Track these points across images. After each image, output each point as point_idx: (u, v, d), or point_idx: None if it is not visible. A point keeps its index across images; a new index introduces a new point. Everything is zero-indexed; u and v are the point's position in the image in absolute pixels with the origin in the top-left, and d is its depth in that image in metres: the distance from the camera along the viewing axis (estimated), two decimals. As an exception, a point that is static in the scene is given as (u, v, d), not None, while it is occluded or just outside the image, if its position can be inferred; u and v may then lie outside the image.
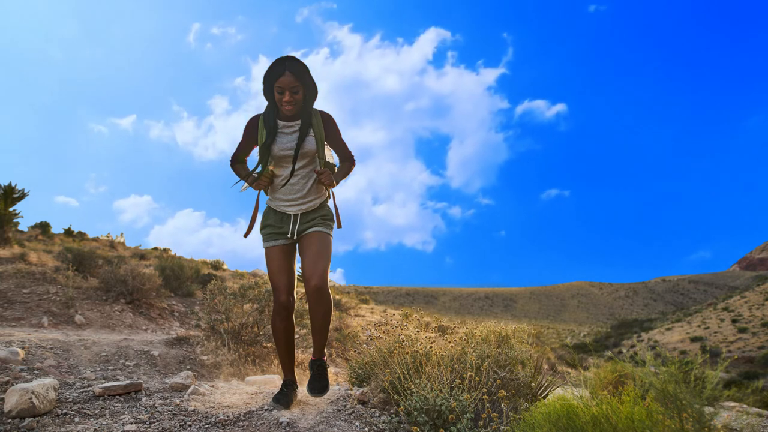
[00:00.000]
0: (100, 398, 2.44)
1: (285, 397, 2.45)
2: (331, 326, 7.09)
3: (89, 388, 2.58)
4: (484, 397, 2.11)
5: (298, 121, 2.44)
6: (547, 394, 2.50)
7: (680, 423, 1.63)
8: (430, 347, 2.62)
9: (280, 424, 2.21)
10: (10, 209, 9.67)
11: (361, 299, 15.93)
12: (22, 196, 9.98)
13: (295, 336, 4.92)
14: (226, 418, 2.24)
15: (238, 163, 2.62)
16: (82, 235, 16.89)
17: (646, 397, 1.77)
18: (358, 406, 2.51)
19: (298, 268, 2.69)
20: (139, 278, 6.42)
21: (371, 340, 3.13)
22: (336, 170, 2.60)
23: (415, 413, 2.12)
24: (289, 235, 2.50)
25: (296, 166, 2.45)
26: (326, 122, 2.50)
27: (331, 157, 2.64)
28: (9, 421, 2.07)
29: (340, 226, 2.59)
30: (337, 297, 11.77)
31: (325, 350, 3.23)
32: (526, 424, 1.83)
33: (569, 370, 10.01)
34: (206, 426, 2.16)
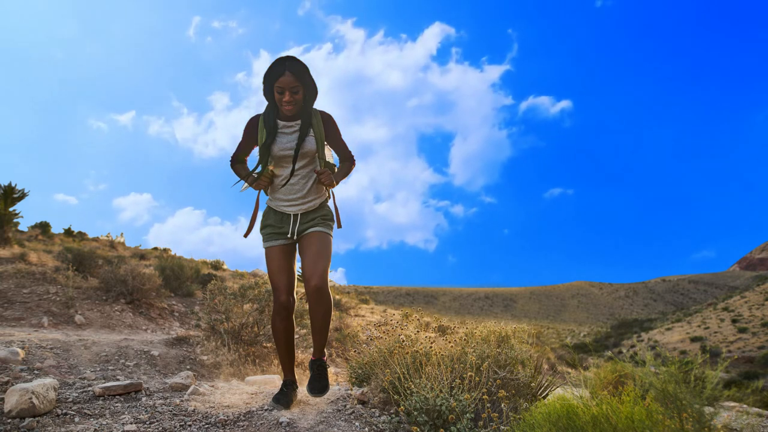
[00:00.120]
0: (100, 398, 2.44)
1: (285, 397, 2.45)
2: (331, 326, 7.09)
3: (89, 388, 2.58)
4: (484, 397, 2.11)
5: (298, 121, 2.44)
6: (547, 394, 2.50)
7: (680, 423, 1.63)
8: (430, 347, 2.62)
9: (280, 424, 2.21)
10: (10, 209, 9.67)
11: (361, 299, 15.93)
12: (22, 196, 9.98)
13: (295, 336, 4.92)
14: (226, 418, 2.24)
15: (238, 163, 2.62)
16: (82, 235, 16.89)
17: (646, 397, 1.77)
18: (358, 406, 2.51)
19: (298, 268, 2.69)
20: (139, 278, 6.42)
21: (371, 340, 3.13)
22: (336, 170, 2.60)
23: (415, 413, 2.12)
24: (289, 235, 2.50)
25: (296, 166, 2.45)
26: (326, 122, 2.50)
27: (331, 157, 2.64)
28: (9, 421, 2.07)
29: (340, 226, 2.59)
30: (337, 297, 11.77)
31: (325, 350, 3.23)
32: (526, 424, 1.83)
33: (569, 370, 10.01)
34: (206, 426, 2.16)
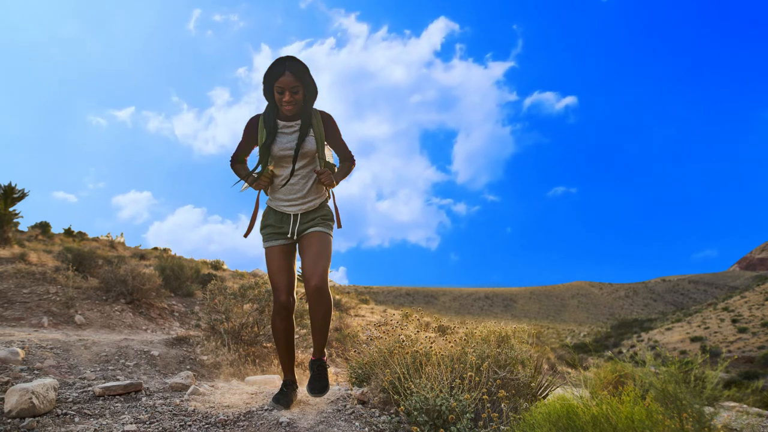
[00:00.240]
0: (100, 398, 2.44)
1: (285, 397, 2.45)
2: (331, 326, 7.09)
3: (89, 388, 2.58)
4: (484, 397, 2.11)
5: (298, 121, 2.44)
6: (547, 394, 2.50)
7: (680, 423, 1.63)
8: (430, 347, 2.62)
9: (280, 424, 2.21)
10: (10, 209, 9.68)
11: (361, 299, 15.93)
12: (22, 196, 9.98)
13: (295, 336, 4.92)
14: (226, 418, 2.24)
15: (238, 163, 2.62)
16: (82, 235, 16.89)
17: (646, 397, 1.77)
18: (358, 406, 2.51)
19: (298, 268, 2.69)
20: (139, 278, 6.42)
21: (371, 340, 3.13)
22: (336, 170, 2.60)
23: (415, 413, 2.12)
24: (289, 235, 2.50)
25: (296, 166, 2.45)
26: (326, 122, 2.51)
27: (331, 157, 2.64)
28: (9, 421, 2.07)
29: (340, 226, 2.59)
30: (337, 297, 11.77)
31: (325, 350, 3.23)
32: (526, 424, 1.83)
33: (569, 370, 10.01)
34: (206, 426, 2.16)
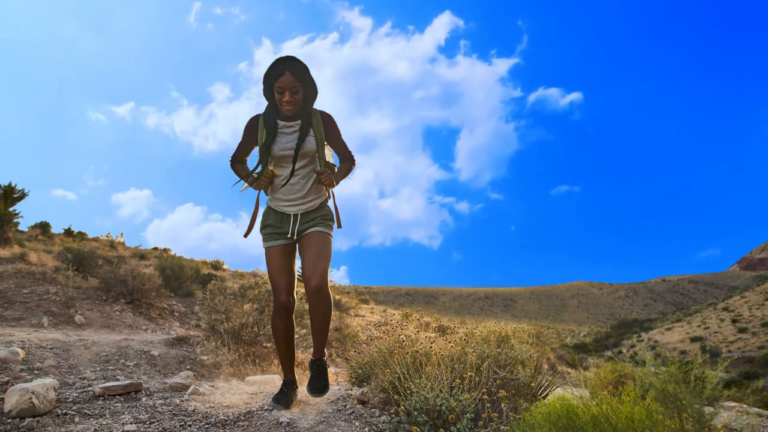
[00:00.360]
0: (100, 398, 2.44)
1: (285, 397, 2.45)
2: (331, 326, 7.09)
3: (89, 388, 2.58)
4: (484, 397, 2.11)
5: (298, 121, 2.44)
6: (547, 394, 2.50)
7: (680, 423, 1.63)
8: (430, 347, 2.62)
9: (280, 424, 2.21)
10: (10, 209, 9.67)
11: (361, 299, 15.93)
12: (22, 196, 9.98)
13: (295, 336, 4.92)
14: (226, 418, 2.24)
15: (238, 163, 2.62)
16: (82, 235, 16.90)
17: (646, 397, 1.77)
18: (358, 406, 2.51)
19: (298, 268, 2.69)
20: (139, 278, 6.42)
21: (371, 340, 3.13)
22: (336, 170, 2.60)
23: (415, 413, 2.12)
24: (289, 235, 2.50)
25: (296, 166, 2.45)
26: (326, 122, 2.51)
27: (331, 157, 2.64)
28: (9, 421, 2.07)
29: (340, 226, 2.59)
30: (337, 297, 11.77)
31: (325, 350, 3.23)
32: (526, 424, 1.83)
33: (569, 370, 10.01)
34: (206, 426, 2.16)
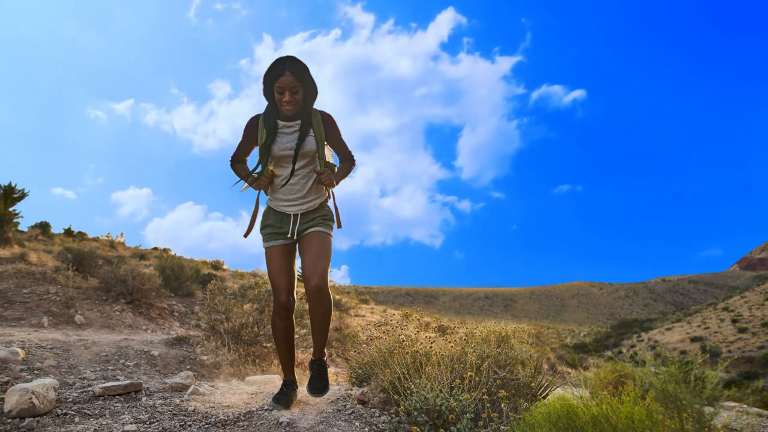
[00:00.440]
0: (100, 398, 2.44)
1: (285, 397, 2.45)
2: (331, 326, 7.09)
3: (89, 388, 2.58)
4: (484, 397, 2.11)
5: (298, 121, 2.44)
6: (547, 394, 2.50)
7: (680, 423, 1.63)
8: (430, 347, 2.62)
9: (280, 424, 2.21)
10: (10, 209, 9.67)
11: (361, 299, 15.94)
12: (22, 196, 9.97)
13: (295, 336, 4.92)
14: (226, 418, 2.24)
15: (238, 163, 2.62)
16: (82, 235, 16.90)
17: (646, 397, 1.77)
18: (358, 406, 2.51)
19: (298, 268, 2.69)
20: (139, 278, 6.42)
21: (371, 340, 3.13)
22: (336, 170, 2.60)
23: (415, 413, 2.12)
24: (289, 235, 2.50)
25: (296, 166, 2.45)
26: (326, 122, 2.51)
27: (331, 157, 2.64)
28: (9, 421, 2.07)
29: (340, 226, 2.59)
30: (337, 297, 11.78)
31: (325, 350, 3.23)
32: (526, 424, 1.83)
33: (569, 370, 10.01)
34: (206, 426, 2.16)
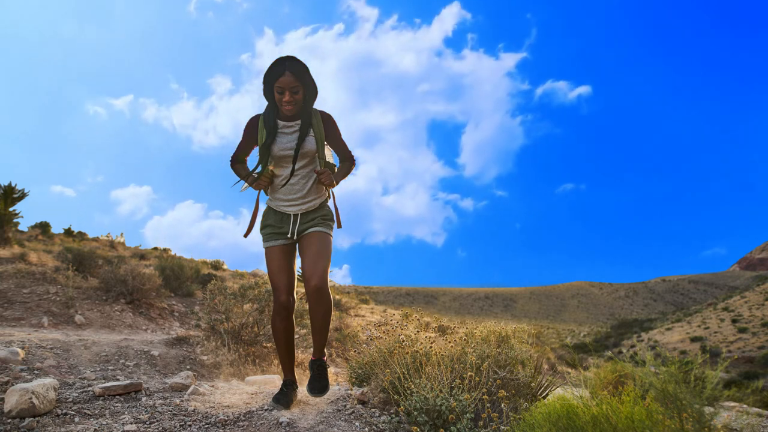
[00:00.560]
0: (100, 398, 2.44)
1: (285, 397, 2.45)
2: (331, 326, 7.09)
3: (89, 388, 2.58)
4: (484, 397, 2.11)
5: (298, 121, 2.44)
6: (547, 394, 2.50)
7: (680, 423, 1.63)
8: (430, 347, 2.62)
9: (280, 424, 2.21)
10: (10, 209, 9.67)
11: (361, 299, 15.94)
12: (22, 196, 9.97)
13: (295, 336, 4.92)
14: (226, 418, 2.24)
15: (238, 163, 2.63)
16: (82, 235, 16.90)
17: (646, 397, 1.77)
18: (358, 406, 2.51)
19: (298, 268, 2.69)
20: (139, 278, 6.42)
21: (371, 340, 3.13)
22: (336, 170, 2.60)
23: (415, 413, 2.12)
24: (289, 235, 2.50)
25: (296, 166, 2.45)
26: (326, 122, 2.51)
27: (331, 157, 2.64)
28: (9, 421, 2.07)
29: (340, 226, 2.59)
30: (337, 297, 11.78)
31: (325, 350, 3.23)
32: (526, 424, 1.83)
33: (569, 370, 10.01)
34: (206, 426, 2.16)
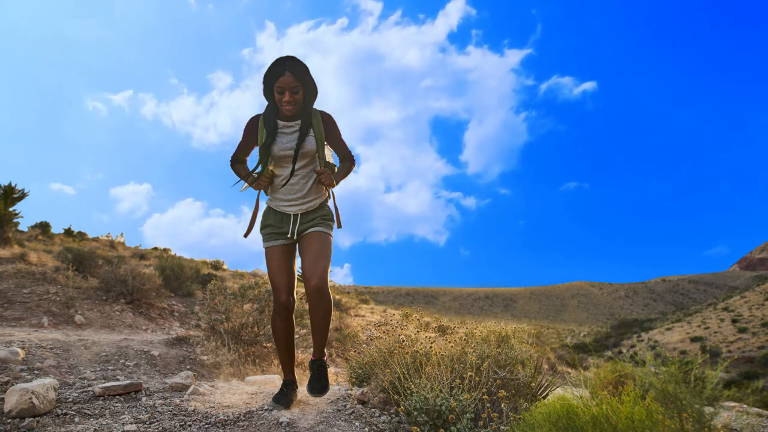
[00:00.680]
0: (100, 398, 2.44)
1: (285, 397, 2.45)
2: (331, 326, 7.09)
3: (89, 388, 2.58)
4: (484, 397, 2.11)
5: (298, 121, 2.44)
6: (547, 394, 2.50)
7: (680, 423, 1.63)
8: (430, 347, 2.62)
9: (280, 424, 2.21)
10: (10, 209, 9.67)
11: (361, 299, 15.94)
12: (22, 196, 9.98)
13: (295, 336, 4.92)
14: (226, 418, 2.24)
15: (238, 163, 2.63)
16: (82, 235, 16.90)
17: (646, 397, 1.77)
18: (358, 406, 2.51)
19: (298, 268, 2.69)
20: (139, 278, 6.42)
21: (371, 340, 3.13)
22: (336, 170, 2.60)
23: (415, 413, 2.12)
24: (289, 235, 2.50)
25: (296, 166, 2.45)
26: (326, 122, 2.51)
27: (331, 157, 2.64)
28: (9, 421, 2.07)
29: (340, 226, 2.59)
30: (337, 297, 11.78)
31: (325, 350, 3.23)
32: (526, 424, 1.83)
33: (569, 370, 10.01)
34: (206, 426, 2.16)
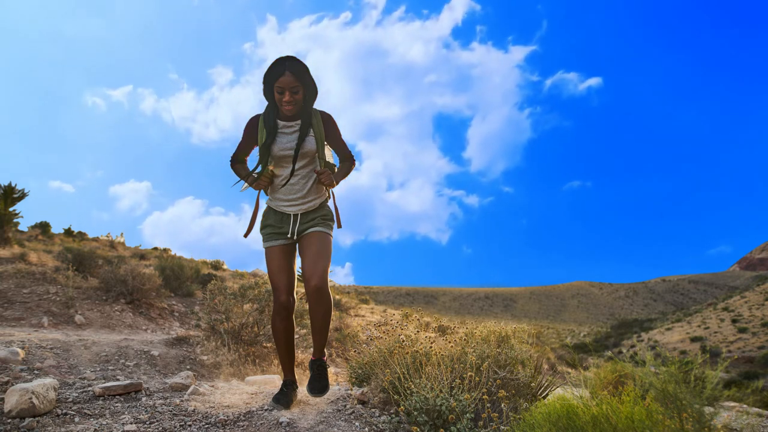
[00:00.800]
0: (100, 398, 2.44)
1: (285, 397, 2.45)
2: (331, 326, 7.10)
3: (89, 388, 2.58)
4: (484, 397, 2.11)
5: (298, 121, 2.44)
6: (547, 394, 2.50)
7: (680, 423, 1.63)
8: (430, 347, 2.62)
9: (280, 424, 2.21)
10: (10, 209, 9.67)
11: (361, 299, 15.94)
12: (22, 196, 9.98)
13: (295, 336, 4.92)
14: (226, 418, 2.24)
15: (238, 163, 2.63)
16: (82, 235, 16.91)
17: (646, 397, 1.77)
18: (358, 406, 2.51)
19: (298, 268, 2.69)
20: (139, 278, 6.42)
21: (371, 340, 3.13)
22: (336, 170, 2.60)
23: (415, 413, 2.12)
24: (289, 235, 2.50)
25: (296, 166, 2.45)
26: (326, 122, 2.51)
27: (331, 157, 2.64)
28: (9, 421, 2.07)
29: (340, 227, 2.59)
30: (337, 297, 11.78)
31: (325, 350, 3.23)
32: (526, 424, 1.83)
33: (569, 370, 10.01)
34: (206, 426, 2.16)
